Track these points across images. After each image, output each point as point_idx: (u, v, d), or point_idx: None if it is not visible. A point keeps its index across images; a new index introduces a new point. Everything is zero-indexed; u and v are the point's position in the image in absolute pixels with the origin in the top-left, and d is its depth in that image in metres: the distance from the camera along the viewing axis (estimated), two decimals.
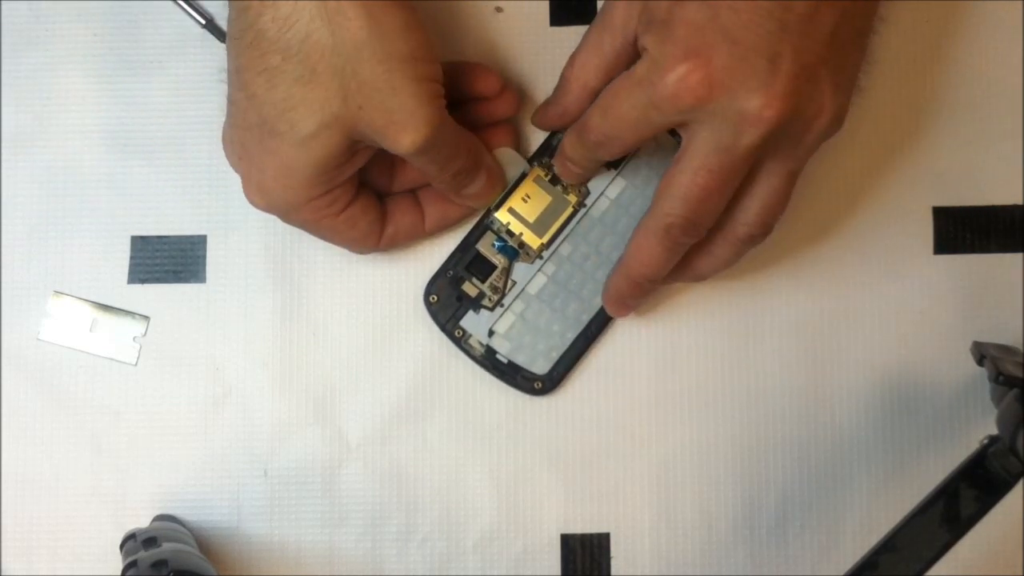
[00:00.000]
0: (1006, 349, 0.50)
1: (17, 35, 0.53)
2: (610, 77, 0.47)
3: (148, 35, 0.53)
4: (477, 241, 0.51)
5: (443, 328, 0.51)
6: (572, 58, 0.48)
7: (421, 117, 0.43)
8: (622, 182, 0.51)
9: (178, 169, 0.53)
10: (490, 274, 0.51)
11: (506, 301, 0.51)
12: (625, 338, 0.53)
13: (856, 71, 0.45)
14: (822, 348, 0.53)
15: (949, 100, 0.53)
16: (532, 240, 0.51)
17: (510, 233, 0.51)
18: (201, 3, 0.53)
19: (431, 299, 0.52)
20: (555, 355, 0.52)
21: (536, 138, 0.52)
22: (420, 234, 0.51)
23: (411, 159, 0.45)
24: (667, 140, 0.50)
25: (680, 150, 0.45)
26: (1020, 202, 0.53)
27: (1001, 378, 0.46)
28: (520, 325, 0.52)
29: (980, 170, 0.53)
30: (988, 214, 0.53)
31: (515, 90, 0.51)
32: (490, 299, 0.51)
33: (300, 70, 0.42)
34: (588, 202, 0.51)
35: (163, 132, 0.53)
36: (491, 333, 0.52)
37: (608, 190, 0.51)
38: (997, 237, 0.53)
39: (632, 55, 0.46)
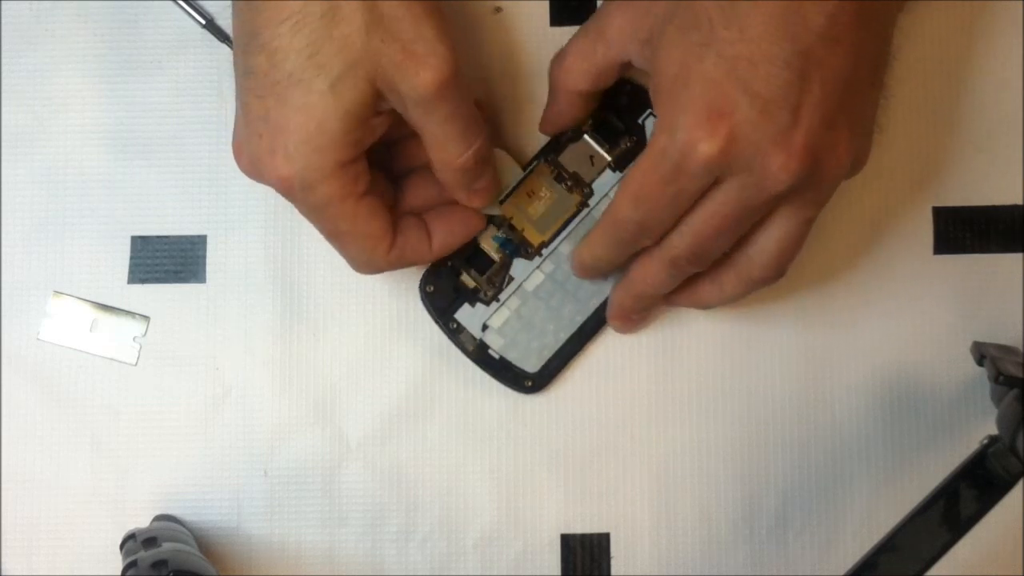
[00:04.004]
0: (1006, 349, 0.50)
1: (17, 35, 0.53)
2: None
3: (148, 35, 0.53)
4: (478, 234, 0.51)
5: (437, 320, 0.51)
6: (560, 59, 0.48)
7: (440, 54, 0.42)
8: None
9: (178, 169, 0.53)
10: (488, 268, 0.51)
11: (502, 296, 0.51)
12: (625, 338, 0.52)
13: (874, 110, 0.45)
14: (822, 348, 0.53)
15: (949, 100, 0.53)
16: (533, 237, 0.51)
17: (512, 228, 0.51)
18: (201, 3, 0.53)
19: (427, 288, 0.51)
20: (547, 354, 0.51)
21: (537, 139, 0.52)
22: (426, 254, 0.49)
23: (423, 111, 0.43)
24: None
25: None
26: (1020, 202, 0.53)
27: (1001, 378, 0.46)
28: (515, 321, 0.51)
29: (980, 170, 0.53)
30: (988, 214, 0.53)
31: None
32: (486, 293, 0.51)
33: (323, 8, 0.42)
34: (591, 202, 0.51)
35: (163, 132, 0.53)
36: (485, 327, 0.51)
37: (611, 191, 0.51)
38: (997, 237, 0.53)
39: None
